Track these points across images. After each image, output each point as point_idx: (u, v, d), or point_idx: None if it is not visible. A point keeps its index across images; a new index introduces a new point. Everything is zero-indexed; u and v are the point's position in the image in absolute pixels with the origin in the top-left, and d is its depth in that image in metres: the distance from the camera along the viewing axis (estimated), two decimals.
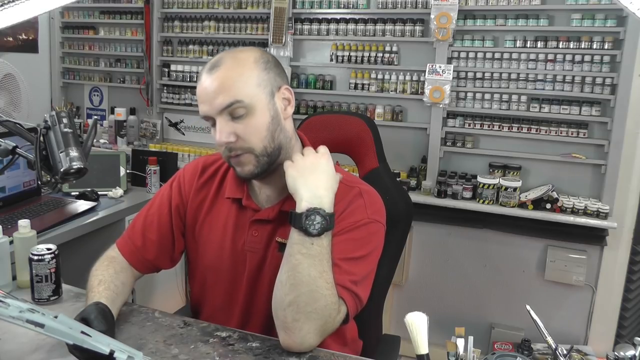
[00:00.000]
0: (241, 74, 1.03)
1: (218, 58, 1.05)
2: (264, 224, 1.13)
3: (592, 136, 2.39)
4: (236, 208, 1.17)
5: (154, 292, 2.36)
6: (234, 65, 1.04)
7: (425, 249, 2.68)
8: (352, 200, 1.09)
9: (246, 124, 1.03)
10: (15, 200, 1.96)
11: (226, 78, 1.02)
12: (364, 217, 1.08)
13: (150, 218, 1.23)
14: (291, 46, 2.83)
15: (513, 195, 2.38)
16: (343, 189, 1.10)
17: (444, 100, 2.52)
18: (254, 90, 1.03)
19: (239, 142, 1.04)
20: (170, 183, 1.26)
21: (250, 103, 1.02)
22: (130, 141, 3.19)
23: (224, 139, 1.03)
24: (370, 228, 1.08)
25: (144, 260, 1.21)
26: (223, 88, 1.01)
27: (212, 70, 1.03)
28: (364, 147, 1.51)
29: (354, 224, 1.06)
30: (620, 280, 2.43)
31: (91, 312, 0.97)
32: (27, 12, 1.09)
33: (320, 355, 1.02)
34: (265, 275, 1.12)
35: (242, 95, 1.02)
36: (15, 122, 1.05)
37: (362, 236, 1.06)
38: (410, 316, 0.88)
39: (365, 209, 1.09)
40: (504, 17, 2.45)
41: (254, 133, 1.04)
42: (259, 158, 1.05)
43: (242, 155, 1.05)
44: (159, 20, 3.16)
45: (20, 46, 3.16)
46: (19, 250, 1.26)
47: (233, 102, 1.01)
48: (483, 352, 2.46)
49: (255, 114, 1.03)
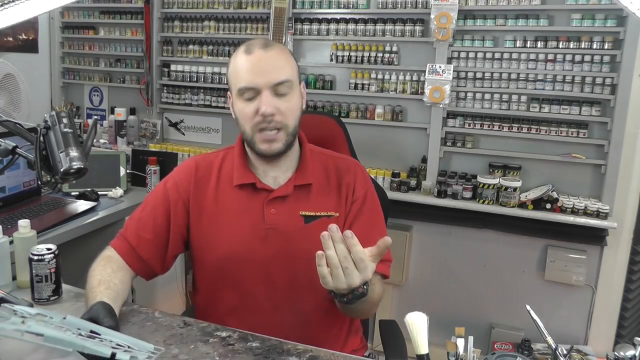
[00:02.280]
0: (291, 59, 1.18)
1: (264, 41, 1.17)
2: (282, 200, 1.20)
3: (592, 136, 2.39)
4: (246, 194, 1.22)
5: (154, 292, 2.36)
6: (284, 50, 1.19)
7: (425, 249, 2.68)
8: (355, 172, 1.27)
9: (288, 101, 1.15)
10: (15, 200, 1.96)
11: (282, 57, 1.15)
12: (368, 183, 1.28)
13: (145, 219, 1.24)
14: (291, 46, 2.83)
15: (513, 195, 2.38)
16: (340, 162, 1.28)
17: (444, 100, 2.52)
18: (296, 75, 1.19)
19: (278, 116, 1.14)
20: (164, 185, 1.27)
21: (295, 85, 1.17)
22: (130, 141, 3.19)
23: (269, 110, 1.12)
24: (374, 192, 1.28)
25: (138, 258, 1.22)
26: (280, 65, 1.14)
27: (267, 47, 1.14)
28: (337, 145, 1.61)
29: (366, 195, 1.24)
30: (620, 280, 2.42)
31: (99, 310, 0.99)
32: (27, 12, 1.09)
33: (320, 355, 1.02)
34: (295, 248, 1.18)
35: (292, 76, 1.16)
36: (15, 122, 1.05)
37: (373, 204, 1.25)
38: (410, 316, 0.88)
39: (364, 176, 1.29)
40: (504, 17, 2.45)
41: (292, 112, 1.16)
42: (288, 137, 1.17)
43: (278, 132, 1.15)
44: (159, 20, 3.16)
45: (20, 46, 3.16)
46: (19, 250, 1.26)
47: (286, 80, 1.14)
48: (483, 352, 2.46)
49: (294, 96, 1.17)
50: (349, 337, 1.30)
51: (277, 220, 1.19)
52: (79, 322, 0.86)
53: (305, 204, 1.21)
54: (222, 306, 1.24)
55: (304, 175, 1.22)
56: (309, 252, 1.05)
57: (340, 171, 1.26)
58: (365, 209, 1.23)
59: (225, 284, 1.22)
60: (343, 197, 1.23)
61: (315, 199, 1.21)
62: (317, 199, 1.22)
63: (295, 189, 1.21)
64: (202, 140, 3.18)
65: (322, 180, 1.24)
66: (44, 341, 0.82)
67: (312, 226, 1.19)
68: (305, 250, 1.10)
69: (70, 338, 0.83)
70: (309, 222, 1.19)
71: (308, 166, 1.23)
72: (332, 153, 1.32)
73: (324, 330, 1.23)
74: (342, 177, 1.25)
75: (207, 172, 1.26)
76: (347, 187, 1.23)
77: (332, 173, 1.26)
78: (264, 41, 1.16)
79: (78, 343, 0.83)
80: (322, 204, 1.21)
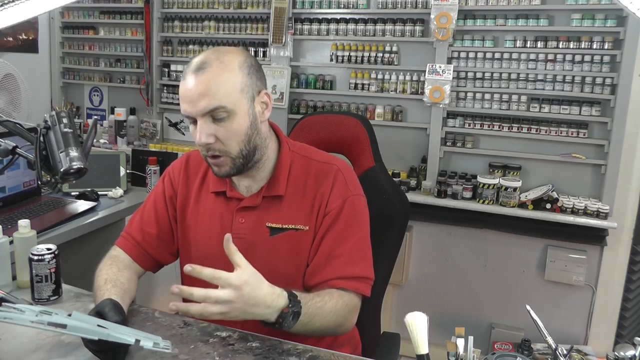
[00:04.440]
0: (227, 80, 1.07)
1: (204, 59, 1.08)
2: (250, 210, 1.18)
3: (592, 136, 2.39)
4: (221, 200, 1.21)
5: (154, 292, 2.37)
6: (219, 70, 1.06)
7: (425, 249, 2.68)
8: (334, 179, 1.18)
9: (227, 127, 1.08)
10: (15, 200, 1.96)
11: (211, 82, 1.05)
12: (349, 192, 1.18)
13: (147, 214, 1.26)
14: (291, 46, 2.83)
15: (513, 195, 2.38)
16: (321, 168, 1.19)
17: (444, 100, 2.52)
18: (236, 95, 1.08)
19: (217, 144, 1.09)
20: (162, 179, 1.31)
21: (232, 108, 1.07)
22: (130, 141, 3.19)
23: (203, 140, 1.08)
24: (355, 200, 1.18)
25: (145, 254, 1.23)
26: (208, 92, 1.05)
27: (198, 71, 1.06)
28: (360, 147, 1.54)
29: (343, 205, 1.16)
30: (620, 280, 2.42)
31: (105, 305, 0.99)
32: (27, 12, 1.09)
33: (320, 355, 1.02)
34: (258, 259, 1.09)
35: (225, 101, 1.06)
36: (15, 122, 1.05)
37: (351, 214, 1.16)
38: (410, 316, 0.88)
39: (345, 183, 1.18)
40: (504, 17, 2.45)
41: (233, 137, 1.09)
42: (235, 160, 1.11)
43: (219, 158, 1.10)
44: (159, 20, 3.16)
45: (20, 46, 3.16)
46: (19, 250, 1.26)
47: (217, 107, 1.05)
48: (483, 352, 2.45)
49: (235, 119, 1.08)
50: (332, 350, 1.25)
51: (244, 230, 1.17)
52: (86, 317, 0.86)
53: (273, 215, 1.17)
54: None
55: (275, 187, 1.17)
56: (272, 265, 1.06)
57: (319, 179, 1.18)
58: (340, 221, 1.15)
59: (200, 283, 1.22)
60: (315, 209, 1.16)
61: (285, 211, 1.17)
62: (287, 211, 1.17)
63: (264, 200, 1.17)
64: None
65: (297, 190, 1.18)
66: (67, 331, 0.82)
67: (277, 238, 1.16)
68: (268, 262, 1.10)
69: (93, 327, 0.83)
70: (275, 235, 1.16)
71: (281, 176, 1.18)
72: (319, 156, 1.24)
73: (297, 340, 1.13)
74: (319, 185, 1.17)
75: (196, 169, 1.27)
76: (322, 197, 1.16)
77: (311, 181, 1.19)
78: (199, 62, 1.07)
79: (102, 332, 0.83)
80: (292, 216, 1.17)
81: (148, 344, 0.84)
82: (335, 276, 1.12)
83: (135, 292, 1.18)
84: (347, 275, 1.12)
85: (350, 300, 1.12)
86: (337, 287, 1.11)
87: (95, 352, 0.92)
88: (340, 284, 1.11)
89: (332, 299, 1.09)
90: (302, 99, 2.87)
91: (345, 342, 1.27)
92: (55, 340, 1.02)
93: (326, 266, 1.13)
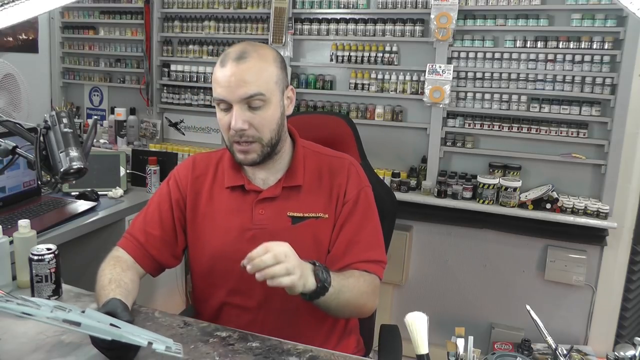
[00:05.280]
0: (265, 70, 1.13)
1: (242, 49, 1.13)
2: (270, 201, 1.21)
3: (592, 136, 2.39)
4: (237, 195, 1.24)
5: (154, 292, 2.36)
6: (259, 61, 1.13)
7: (426, 249, 2.68)
8: (348, 171, 1.25)
9: (261, 115, 1.13)
10: (15, 200, 1.96)
11: (252, 70, 1.11)
12: (363, 183, 1.26)
13: (151, 215, 1.26)
14: (291, 46, 2.83)
15: (513, 195, 2.38)
16: (334, 162, 1.27)
17: (444, 100, 2.52)
18: (272, 86, 1.14)
19: (251, 131, 1.13)
20: (167, 181, 1.31)
21: (269, 97, 1.13)
22: (130, 141, 3.18)
23: (239, 125, 1.12)
24: (368, 192, 1.26)
25: (148, 255, 1.23)
26: (249, 79, 1.10)
27: (240, 60, 1.11)
28: (345, 145, 1.61)
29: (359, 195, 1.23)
30: (620, 280, 2.42)
31: (116, 305, 0.99)
32: (27, 12, 1.09)
33: (320, 355, 1.02)
34: None
35: (264, 89, 1.12)
36: (15, 122, 1.05)
37: (366, 204, 1.24)
38: (410, 316, 0.88)
39: (358, 176, 1.27)
40: (504, 17, 2.45)
41: (267, 124, 1.14)
42: (264, 148, 1.16)
43: (251, 144, 1.15)
44: (159, 20, 3.16)
45: (20, 46, 3.16)
46: (19, 250, 1.26)
47: (256, 94, 1.11)
48: (483, 352, 2.46)
49: (270, 107, 1.14)
50: (342, 339, 1.29)
51: (265, 221, 1.20)
52: (99, 315, 0.86)
53: (293, 204, 1.21)
54: (213, 304, 1.25)
55: (293, 177, 1.23)
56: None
57: (333, 172, 1.25)
58: (357, 210, 1.23)
59: (215, 283, 1.24)
60: (334, 198, 1.23)
61: (304, 200, 1.22)
62: (306, 200, 1.22)
63: (284, 190, 1.22)
64: (202, 140, 3.18)
65: (314, 182, 1.24)
66: (81, 329, 0.81)
67: (299, 227, 1.20)
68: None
69: (107, 327, 0.83)
70: (297, 223, 1.20)
71: (298, 168, 1.24)
72: (329, 152, 1.31)
73: (312, 330, 1.22)
74: (334, 177, 1.24)
75: (204, 171, 1.28)
76: (339, 188, 1.23)
77: (325, 174, 1.25)
78: (239, 51, 1.13)
79: (115, 332, 0.83)
80: (311, 205, 1.22)
81: (160, 347, 0.83)
82: (357, 260, 1.18)
83: (137, 293, 1.17)
84: (367, 259, 1.19)
85: (372, 280, 1.18)
86: (358, 270, 1.17)
87: (103, 350, 0.92)
88: (362, 267, 1.18)
89: (354, 275, 1.15)
90: (302, 99, 2.87)
91: (353, 330, 1.35)
92: (55, 340, 1.02)
93: (347, 252, 1.19)
